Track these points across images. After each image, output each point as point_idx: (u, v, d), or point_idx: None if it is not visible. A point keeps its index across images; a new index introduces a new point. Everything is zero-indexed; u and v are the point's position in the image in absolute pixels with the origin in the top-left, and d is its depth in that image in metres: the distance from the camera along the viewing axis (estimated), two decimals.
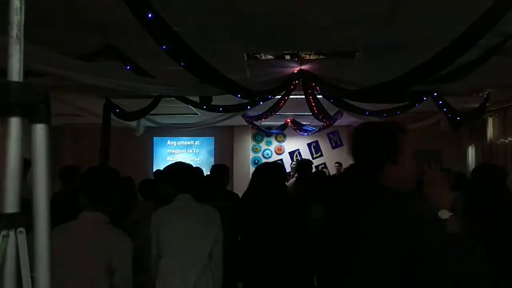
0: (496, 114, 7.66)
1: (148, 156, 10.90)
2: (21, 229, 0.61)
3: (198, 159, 10.82)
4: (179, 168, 2.69)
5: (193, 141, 11.13)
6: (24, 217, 0.61)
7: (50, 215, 0.62)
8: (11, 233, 0.61)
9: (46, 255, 0.62)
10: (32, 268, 0.61)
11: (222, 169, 3.97)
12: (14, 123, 0.61)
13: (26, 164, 0.59)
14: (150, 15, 2.70)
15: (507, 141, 7.29)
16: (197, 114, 8.06)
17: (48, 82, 4.61)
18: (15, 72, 0.61)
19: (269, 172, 3.13)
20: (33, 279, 0.60)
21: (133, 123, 7.86)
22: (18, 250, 0.60)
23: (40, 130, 0.63)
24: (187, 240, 2.40)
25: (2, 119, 0.60)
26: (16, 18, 0.60)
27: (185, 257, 2.39)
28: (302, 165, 4.85)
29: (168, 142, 11.15)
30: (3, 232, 0.60)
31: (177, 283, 2.35)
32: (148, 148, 10.91)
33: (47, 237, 0.62)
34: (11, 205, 0.60)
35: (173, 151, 11.11)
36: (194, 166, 2.87)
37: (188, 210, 2.49)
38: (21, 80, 0.60)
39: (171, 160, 9.70)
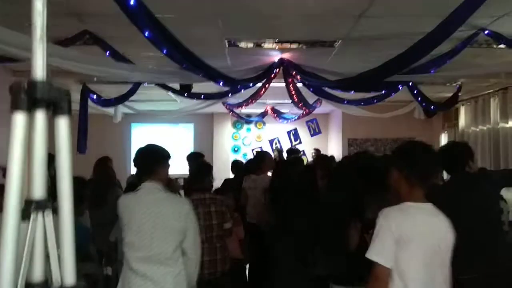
0: (468, 104, 7.94)
1: (126, 143, 10.78)
2: (48, 212, 0.67)
3: (178, 146, 10.78)
4: (142, 151, 2.44)
5: (172, 128, 11.06)
6: (50, 202, 0.67)
7: (73, 199, 0.68)
8: (39, 216, 0.66)
9: (70, 235, 0.68)
10: (58, 246, 0.66)
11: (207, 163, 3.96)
12: (40, 117, 0.66)
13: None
14: (132, 2, 2.69)
15: (477, 129, 7.59)
16: (176, 101, 8.02)
17: (26, 67, 4.51)
18: (40, 70, 0.65)
19: None
20: (59, 256, 0.66)
21: (111, 110, 7.74)
22: (46, 231, 0.66)
23: (62, 123, 0.68)
24: (150, 232, 2.20)
25: (29, 113, 0.65)
26: (39, 20, 0.64)
27: (147, 250, 2.20)
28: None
29: (147, 128, 11.04)
30: (33, 215, 0.65)
31: (139, 277, 2.17)
32: (126, 135, 10.78)
33: (71, 218, 0.68)
34: (38, 191, 0.66)
35: (152, 138, 11.02)
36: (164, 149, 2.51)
37: (153, 200, 2.27)
38: (45, 77, 0.65)
39: None
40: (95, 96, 6.57)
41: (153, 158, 2.38)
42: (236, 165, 5.27)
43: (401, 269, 1.73)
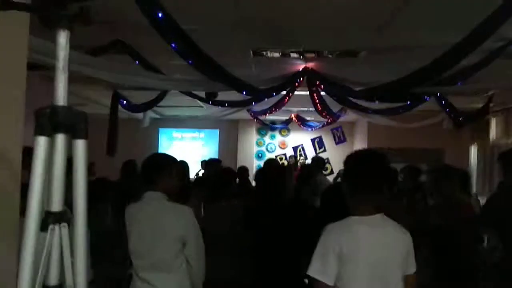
0: (500, 115, 7.70)
1: (153, 147, 11.03)
2: (64, 224, 0.75)
3: (203, 151, 10.96)
4: (144, 161, 2.44)
5: (198, 133, 11.25)
6: (66, 214, 0.75)
7: (87, 213, 0.75)
8: (56, 227, 0.75)
9: (83, 245, 0.76)
10: (72, 254, 0.74)
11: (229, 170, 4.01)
12: (60, 139, 0.75)
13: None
14: (160, 15, 2.79)
15: (509, 141, 7.35)
16: (202, 107, 8.18)
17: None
18: (61, 97, 0.74)
19: None
20: (72, 264, 0.74)
21: (139, 114, 7.97)
22: (62, 240, 0.74)
23: (80, 145, 0.77)
24: (151, 241, 2.24)
25: (51, 136, 0.73)
26: (62, 53, 0.72)
27: (148, 258, 2.25)
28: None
29: (174, 133, 11.28)
30: (51, 226, 0.73)
31: (144, 283, 2.22)
32: (153, 139, 11.05)
33: (84, 230, 0.77)
34: (57, 204, 0.75)
35: (178, 143, 11.26)
36: (173, 158, 2.52)
37: (153, 209, 2.30)
38: (65, 104, 0.73)
39: (175, 151, 9.84)
40: (125, 102, 6.81)
41: (153, 168, 2.38)
42: (239, 172, 4.97)
43: (345, 285, 1.67)
